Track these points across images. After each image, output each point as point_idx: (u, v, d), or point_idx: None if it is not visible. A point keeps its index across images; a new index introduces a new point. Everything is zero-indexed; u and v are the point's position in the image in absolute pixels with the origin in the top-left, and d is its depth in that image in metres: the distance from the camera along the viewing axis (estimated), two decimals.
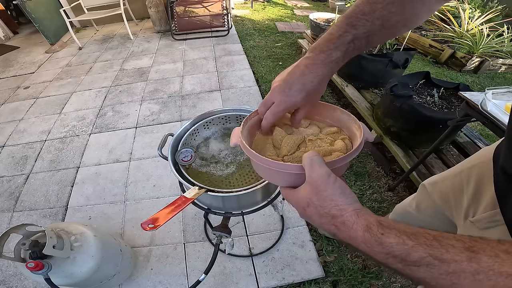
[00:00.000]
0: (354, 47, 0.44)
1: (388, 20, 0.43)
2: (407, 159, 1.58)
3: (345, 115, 0.49)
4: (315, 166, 0.35)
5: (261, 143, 0.51)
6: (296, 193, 0.38)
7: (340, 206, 0.32)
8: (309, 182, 0.35)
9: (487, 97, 0.99)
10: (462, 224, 0.62)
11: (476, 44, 2.77)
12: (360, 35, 0.43)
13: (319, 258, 1.31)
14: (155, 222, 0.56)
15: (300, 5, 5.37)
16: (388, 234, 0.27)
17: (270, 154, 0.47)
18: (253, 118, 0.51)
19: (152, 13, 3.80)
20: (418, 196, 0.87)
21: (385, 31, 0.44)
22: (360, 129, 0.44)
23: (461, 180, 0.65)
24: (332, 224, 0.32)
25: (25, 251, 0.76)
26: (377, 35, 0.44)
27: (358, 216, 0.31)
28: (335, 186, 0.34)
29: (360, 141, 0.41)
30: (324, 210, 0.33)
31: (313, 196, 0.34)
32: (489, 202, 0.53)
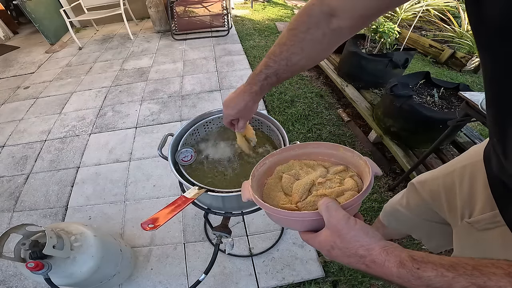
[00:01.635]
0: (268, 82, 0.59)
1: (291, 60, 0.55)
2: (407, 159, 1.58)
3: (349, 152, 0.50)
4: (332, 212, 0.36)
5: (271, 191, 0.52)
6: (317, 238, 0.39)
7: (366, 246, 0.33)
8: (329, 227, 0.37)
9: None
10: (459, 224, 0.61)
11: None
12: (271, 74, 0.58)
13: (319, 258, 1.31)
14: (155, 222, 0.56)
15: (300, 5, 5.36)
16: (425, 268, 0.28)
17: (283, 203, 0.47)
18: (260, 169, 0.54)
19: (152, 13, 3.80)
20: (407, 194, 0.87)
21: (290, 69, 0.57)
22: (367, 165, 0.45)
23: (453, 179, 0.65)
24: (362, 263, 0.33)
25: (25, 251, 0.76)
26: (284, 73, 0.58)
27: (388, 253, 0.31)
28: (357, 228, 0.35)
29: (370, 178, 0.42)
30: (351, 251, 0.34)
31: (336, 240, 0.35)
32: (486, 203, 0.53)
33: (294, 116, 2.22)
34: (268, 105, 2.39)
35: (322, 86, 2.67)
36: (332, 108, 2.35)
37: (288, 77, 0.60)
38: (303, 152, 0.55)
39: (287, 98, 2.43)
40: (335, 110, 2.32)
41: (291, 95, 2.48)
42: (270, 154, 0.55)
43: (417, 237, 0.97)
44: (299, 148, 0.56)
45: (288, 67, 0.57)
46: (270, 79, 0.59)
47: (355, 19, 0.49)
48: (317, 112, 2.28)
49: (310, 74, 2.87)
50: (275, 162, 0.56)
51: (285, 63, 0.56)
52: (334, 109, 2.33)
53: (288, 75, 0.59)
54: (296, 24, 0.53)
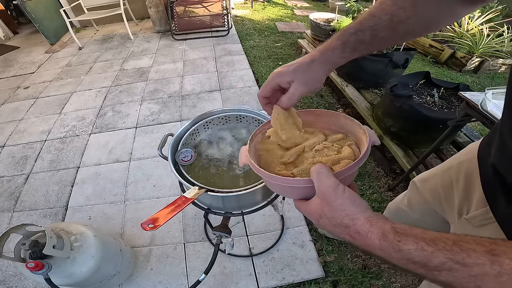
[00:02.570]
0: (357, 38, 0.44)
1: (397, 15, 0.42)
2: (407, 159, 1.58)
3: (349, 121, 0.49)
4: (322, 178, 0.36)
5: (268, 157, 0.51)
6: (308, 206, 0.38)
7: (351, 216, 0.33)
8: (318, 194, 0.36)
9: (487, 97, 0.99)
10: (457, 221, 0.61)
11: (476, 44, 2.77)
12: (365, 28, 0.44)
13: (319, 258, 1.31)
14: (155, 222, 0.56)
15: (300, 5, 5.36)
16: (405, 241, 0.28)
17: (279, 169, 0.47)
18: (258, 135, 0.53)
19: (152, 13, 3.80)
20: (409, 194, 0.87)
21: (394, 27, 0.43)
22: (365, 133, 0.44)
23: (450, 176, 0.65)
24: (347, 233, 0.33)
25: (25, 251, 0.76)
26: (385, 30, 0.44)
27: (372, 225, 0.31)
28: (344, 197, 0.34)
29: (367, 146, 0.41)
30: (336, 220, 0.34)
31: (324, 208, 0.35)
32: (481, 199, 0.53)
33: None
34: None
35: (322, 86, 2.67)
36: (332, 108, 2.35)
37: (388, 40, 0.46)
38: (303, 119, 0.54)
39: None
40: (335, 110, 2.32)
41: None
42: (268, 121, 0.53)
43: None
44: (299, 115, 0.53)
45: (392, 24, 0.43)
46: (361, 35, 0.44)
47: None
48: None
49: None
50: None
51: (389, 17, 0.43)
52: (334, 109, 2.33)
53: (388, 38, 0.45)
54: None
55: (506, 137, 0.41)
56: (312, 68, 0.46)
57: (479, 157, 0.56)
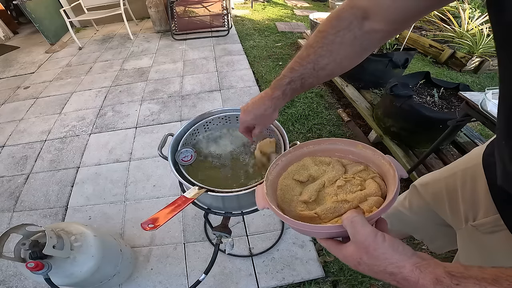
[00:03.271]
0: (291, 87, 0.55)
1: (318, 63, 0.51)
2: (407, 159, 1.58)
3: (369, 150, 0.47)
4: (358, 227, 0.35)
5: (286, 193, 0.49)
6: (343, 251, 0.37)
7: (396, 264, 0.32)
8: (355, 243, 0.35)
9: (487, 97, 0.99)
10: (464, 228, 0.61)
11: (476, 44, 2.77)
12: (295, 78, 0.54)
13: (319, 258, 1.31)
14: (155, 222, 0.56)
15: (300, 5, 5.36)
16: (465, 284, 0.27)
17: (301, 209, 0.45)
18: (273, 172, 0.51)
19: (152, 13, 3.80)
20: (409, 196, 0.87)
21: (316, 73, 0.52)
22: (391, 166, 0.42)
23: (455, 182, 0.65)
24: (393, 280, 0.32)
25: (25, 251, 0.76)
26: (310, 77, 0.53)
27: (421, 271, 0.30)
28: (385, 246, 0.33)
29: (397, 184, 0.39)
30: (379, 268, 0.33)
31: (363, 256, 0.34)
32: (489, 206, 0.53)
33: (294, 116, 2.22)
34: None
35: (322, 86, 2.67)
36: (332, 108, 2.35)
37: (313, 84, 0.55)
38: (317, 149, 0.52)
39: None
40: (335, 110, 2.32)
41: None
42: (282, 154, 0.52)
43: (419, 238, 0.97)
44: (313, 145, 0.52)
45: (314, 72, 0.52)
46: (294, 84, 0.55)
47: (390, 22, 0.45)
48: (317, 112, 2.28)
49: None
50: (288, 162, 0.52)
51: (312, 66, 0.52)
52: (334, 109, 2.33)
53: (314, 81, 0.55)
54: (325, 27, 0.50)
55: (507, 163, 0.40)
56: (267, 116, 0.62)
57: (484, 166, 0.56)
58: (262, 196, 0.45)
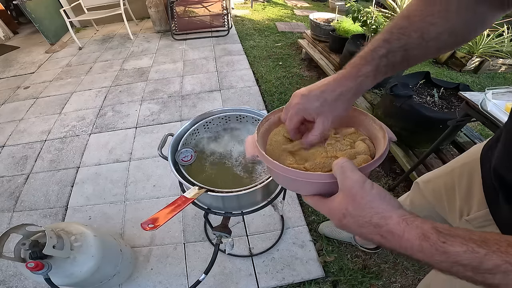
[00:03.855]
0: (388, 62, 0.41)
1: (428, 32, 0.39)
2: (407, 159, 1.58)
3: (362, 115, 0.47)
4: (347, 172, 0.33)
5: (275, 148, 0.48)
6: (329, 203, 0.35)
7: (382, 214, 0.30)
8: (343, 190, 0.33)
9: (487, 97, 0.99)
10: (458, 222, 0.62)
11: (476, 44, 2.77)
12: (395, 49, 0.40)
13: (319, 258, 1.31)
14: (155, 222, 0.56)
15: (300, 5, 5.36)
16: (452, 242, 0.26)
17: (290, 163, 0.44)
18: (265, 124, 0.50)
19: (152, 13, 3.80)
20: (412, 194, 0.87)
21: (426, 44, 0.40)
22: (382, 129, 0.42)
23: (453, 178, 0.65)
24: (377, 233, 0.30)
25: (25, 251, 0.76)
26: (416, 49, 0.41)
27: (408, 224, 0.28)
28: (373, 193, 0.31)
29: (386, 143, 0.39)
30: (364, 219, 0.31)
31: (349, 206, 0.32)
32: (481, 201, 0.53)
33: None
34: (268, 105, 2.39)
35: None
36: None
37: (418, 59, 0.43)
38: None
39: (287, 98, 2.43)
40: None
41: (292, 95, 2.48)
42: (275, 110, 0.51)
43: None
44: None
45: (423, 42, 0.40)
46: (392, 57, 0.40)
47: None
48: None
49: (310, 74, 2.87)
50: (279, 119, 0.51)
51: (419, 35, 0.40)
52: None
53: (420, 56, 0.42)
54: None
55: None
56: (341, 103, 0.42)
57: (482, 160, 0.56)
58: (253, 144, 0.44)
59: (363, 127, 0.47)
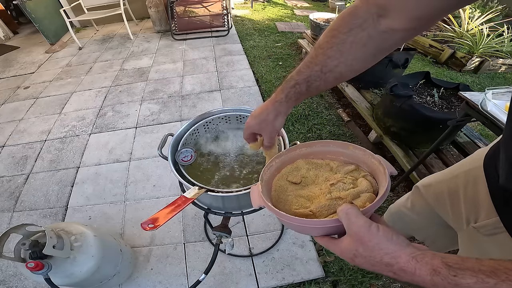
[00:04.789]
0: (295, 91, 0.51)
1: (326, 65, 0.47)
2: (407, 159, 1.58)
3: (360, 151, 0.48)
4: (352, 218, 0.35)
5: (280, 193, 0.50)
6: (339, 245, 0.37)
7: (392, 254, 0.31)
8: (351, 235, 0.35)
9: (487, 97, 0.99)
10: (465, 229, 0.61)
11: (476, 44, 2.77)
12: (301, 81, 0.50)
13: (319, 258, 1.31)
14: (155, 222, 0.56)
15: (300, 5, 5.36)
16: (463, 275, 0.27)
17: (296, 208, 0.45)
18: (268, 172, 0.52)
19: (152, 13, 3.80)
20: (412, 197, 0.87)
21: (324, 76, 0.48)
22: (381, 164, 0.43)
23: (457, 184, 0.65)
24: (389, 271, 0.32)
25: (25, 251, 0.76)
26: (316, 81, 0.49)
27: (418, 261, 0.30)
28: (380, 235, 0.33)
29: (387, 179, 0.40)
30: (375, 259, 0.32)
31: (358, 248, 0.34)
32: (490, 208, 0.53)
33: (294, 116, 2.22)
34: None
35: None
36: (332, 108, 2.35)
37: (321, 88, 0.51)
38: (310, 151, 0.54)
39: None
40: (335, 110, 2.32)
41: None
42: (276, 156, 0.54)
43: (420, 238, 0.97)
44: (306, 147, 0.54)
45: (322, 74, 0.48)
46: (299, 87, 0.51)
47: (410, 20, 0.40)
48: (317, 112, 2.28)
49: None
50: (282, 163, 0.54)
51: (319, 68, 0.48)
52: (334, 109, 2.33)
53: (321, 85, 0.50)
54: (336, 25, 0.46)
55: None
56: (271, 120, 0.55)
57: (485, 168, 0.56)
58: (258, 195, 0.46)
59: (363, 162, 0.48)
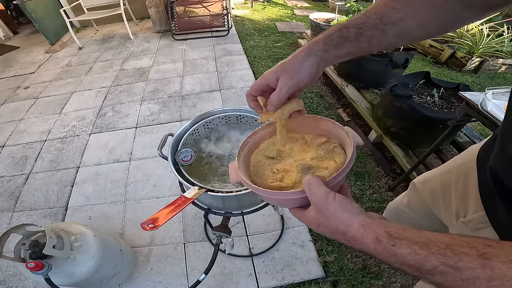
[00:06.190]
0: (340, 34, 0.42)
1: (388, 16, 0.40)
2: (407, 159, 1.58)
3: (330, 123, 0.49)
4: (313, 189, 0.36)
5: (258, 168, 0.51)
6: (306, 215, 0.39)
7: (345, 222, 0.33)
8: (313, 205, 0.37)
9: (487, 97, 0.99)
10: (454, 224, 0.61)
11: (476, 44, 2.77)
12: (350, 25, 0.42)
13: (319, 258, 1.31)
14: (155, 222, 0.56)
15: (300, 5, 5.36)
16: (400, 244, 0.28)
17: (271, 181, 0.47)
18: (245, 149, 0.53)
19: (152, 13, 3.80)
20: (409, 194, 0.87)
21: (384, 27, 0.41)
22: (348, 135, 0.44)
23: (449, 178, 0.65)
24: (344, 239, 0.34)
25: (25, 251, 0.76)
26: (372, 29, 0.41)
27: (366, 229, 0.31)
28: (335, 204, 0.35)
29: (352, 149, 0.41)
30: (332, 227, 0.34)
31: (319, 217, 0.36)
32: (477, 202, 0.53)
33: None
34: None
35: (322, 86, 2.67)
36: (332, 108, 2.35)
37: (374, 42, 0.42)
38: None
39: None
40: (335, 110, 2.32)
41: None
42: (253, 132, 0.55)
43: None
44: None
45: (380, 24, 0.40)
46: (345, 31, 0.42)
47: None
48: (317, 112, 2.28)
49: None
50: (259, 139, 0.55)
51: (379, 17, 0.40)
52: (334, 109, 2.33)
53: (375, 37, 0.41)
54: None
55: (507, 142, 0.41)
56: (296, 61, 0.44)
57: (478, 161, 0.56)
58: (235, 171, 0.48)
59: (333, 135, 0.50)
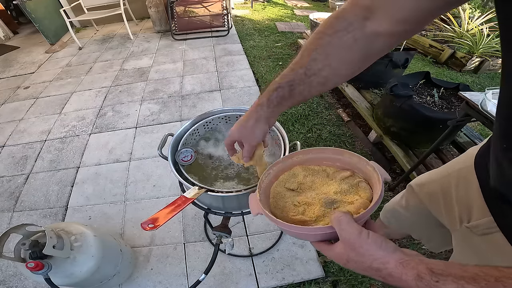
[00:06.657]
0: (278, 94, 0.49)
1: (310, 68, 0.45)
2: (407, 159, 1.58)
3: (355, 157, 0.49)
4: (344, 225, 0.36)
5: (278, 200, 0.51)
6: (333, 250, 0.38)
7: (380, 260, 0.33)
8: (343, 241, 0.37)
9: (487, 97, 0.99)
10: (458, 229, 0.61)
11: (476, 44, 2.77)
12: (283, 84, 0.48)
13: (319, 258, 1.31)
14: (155, 222, 0.56)
15: (300, 5, 5.36)
16: (444, 281, 0.27)
17: (293, 214, 0.47)
18: (265, 180, 0.53)
19: (152, 13, 3.80)
20: (406, 196, 0.87)
21: (308, 80, 0.46)
22: (375, 171, 0.44)
23: (449, 182, 0.65)
24: (378, 276, 0.33)
25: (25, 251, 0.76)
26: (300, 85, 0.47)
27: (404, 267, 0.31)
28: (369, 242, 0.34)
29: (381, 186, 0.41)
30: (365, 264, 0.34)
31: (350, 253, 0.35)
32: (482, 208, 0.53)
33: (294, 116, 2.23)
34: None
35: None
36: (332, 108, 2.35)
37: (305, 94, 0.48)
38: (306, 158, 0.55)
39: None
40: (335, 110, 2.32)
41: None
42: (273, 164, 0.55)
43: (417, 237, 0.97)
44: (302, 155, 0.55)
45: (306, 78, 0.46)
46: (281, 91, 0.48)
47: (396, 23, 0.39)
48: (317, 112, 2.28)
49: None
50: (279, 171, 0.55)
51: (303, 71, 0.46)
52: (334, 109, 2.33)
53: (305, 90, 0.47)
54: (322, 27, 0.45)
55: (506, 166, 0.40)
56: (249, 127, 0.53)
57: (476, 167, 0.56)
58: (256, 203, 0.47)
59: (358, 169, 0.49)
